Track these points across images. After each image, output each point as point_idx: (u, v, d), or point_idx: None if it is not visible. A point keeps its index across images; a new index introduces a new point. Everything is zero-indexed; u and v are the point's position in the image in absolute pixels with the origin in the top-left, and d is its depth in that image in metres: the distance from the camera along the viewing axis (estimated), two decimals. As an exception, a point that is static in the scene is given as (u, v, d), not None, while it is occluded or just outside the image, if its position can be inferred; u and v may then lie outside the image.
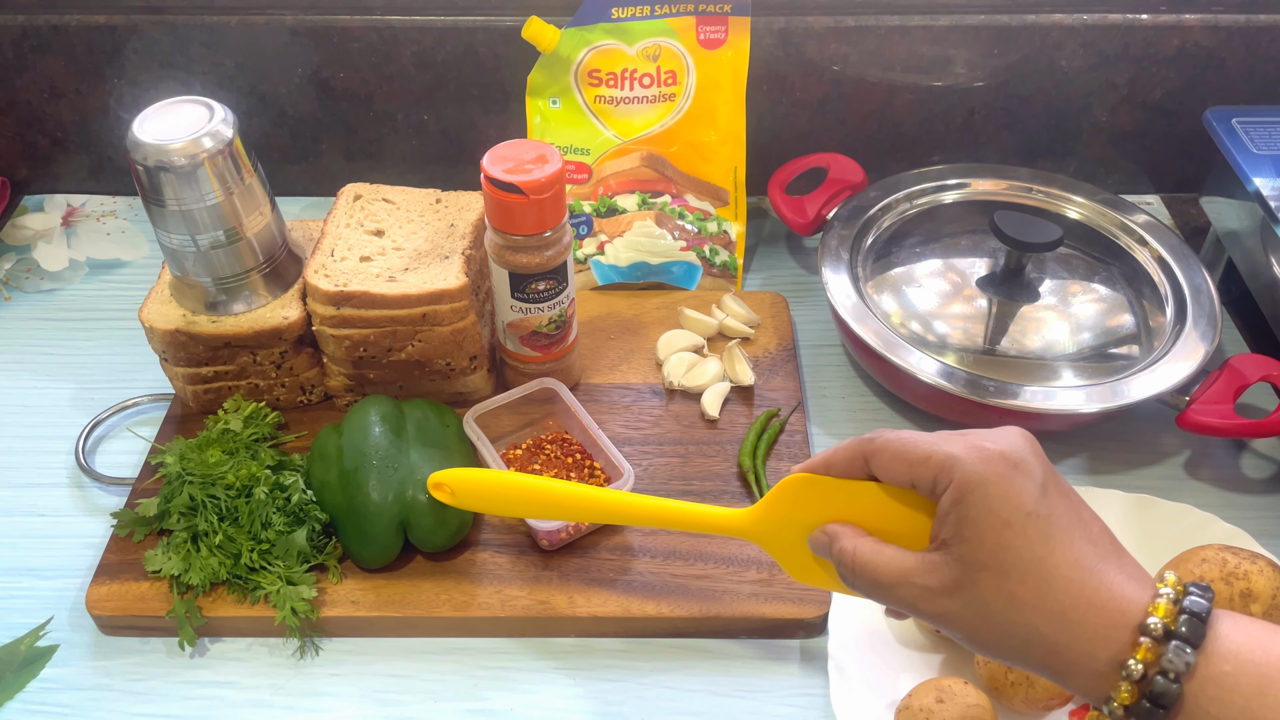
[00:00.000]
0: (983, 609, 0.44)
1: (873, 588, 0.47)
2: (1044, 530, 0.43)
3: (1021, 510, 0.43)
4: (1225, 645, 0.41)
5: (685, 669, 0.65)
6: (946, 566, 0.44)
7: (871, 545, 0.47)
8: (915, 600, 0.46)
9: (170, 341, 0.73)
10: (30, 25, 0.93)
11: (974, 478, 0.43)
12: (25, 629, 0.68)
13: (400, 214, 0.78)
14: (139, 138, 0.67)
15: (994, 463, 0.43)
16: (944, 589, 0.44)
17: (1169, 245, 0.83)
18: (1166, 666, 0.40)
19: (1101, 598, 0.42)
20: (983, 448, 0.44)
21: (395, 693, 0.64)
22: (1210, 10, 0.90)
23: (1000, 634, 0.44)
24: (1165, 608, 0.41)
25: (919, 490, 0.46)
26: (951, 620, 0.45)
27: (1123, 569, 0.43)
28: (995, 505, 0.43)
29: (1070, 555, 0.43)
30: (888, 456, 0.47)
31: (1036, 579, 0.43)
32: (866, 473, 0.48)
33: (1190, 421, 0.72)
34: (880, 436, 0.47)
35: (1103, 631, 0.42)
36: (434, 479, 0.63)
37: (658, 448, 0.76)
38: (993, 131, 0.97)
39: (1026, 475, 0.44)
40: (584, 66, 0.87)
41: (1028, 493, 0.43)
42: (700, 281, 0.89)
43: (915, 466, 0.45)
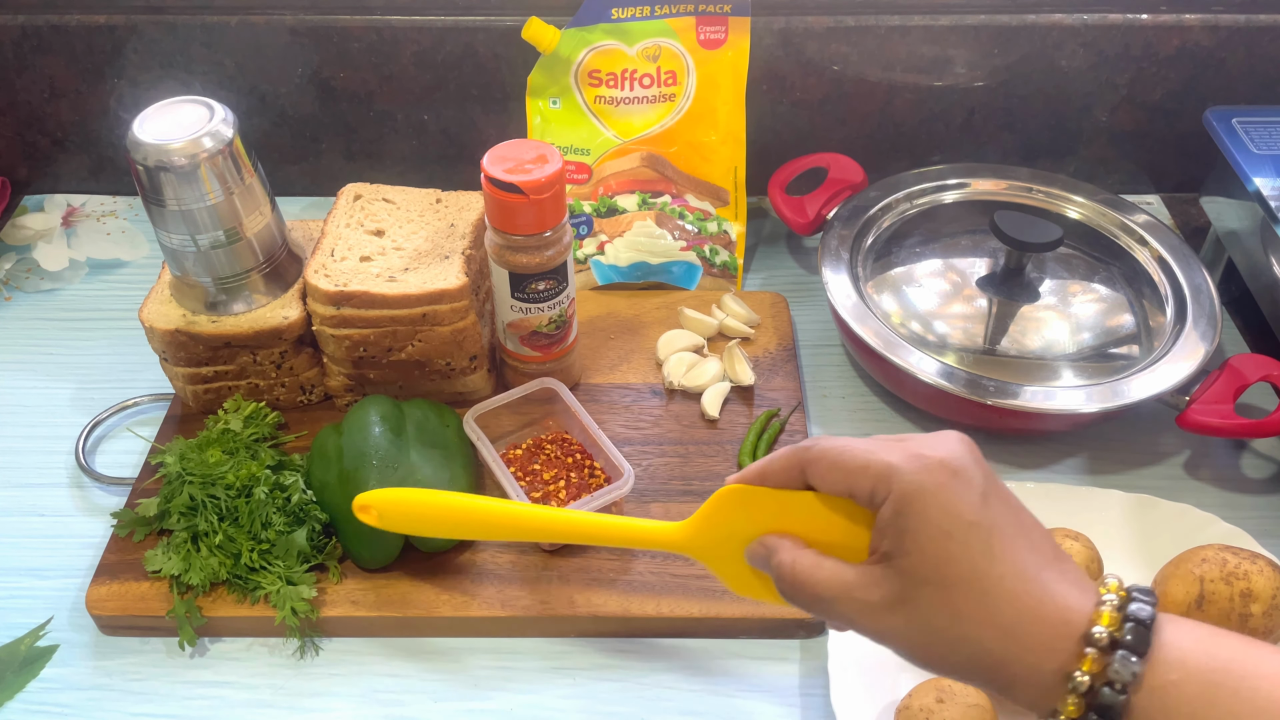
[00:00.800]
0: (926, 624, 0.42)
1: (813, 602, 0.45)
2: (986, 540, 0.41)
3: (963, 520, 0.41)
4: (1171, 653, 0.40)
5: (685, 669, 0.65)
6: (888, 580, 0.43)
7: (811, 558, 0.45)
8: (856, 616, 0.44)
9: (170, 341, 0.73)
10: (30, 25, 0.93)
11: (913, 487, 0.42)
12: (25, 629, 0.68)
13: (400, 214, 0.78)
14: (139, 138, 0.67)
15: (934, 471, 0.42)
16: (885, 604, 0.43)
17: (1169, 245, 0.83)
18: (1113, 677, 0.39)
19: (1045, 608, 0.41)
20: (922, 456, 0.42)
21: (395, 693, 0.64)
22: (1210, 10, 0.90)
23: (945, 649, 0.42)
24: (1109, 615, 0.40)
25: (857, 500, 0.44)
26: (894, 637, 0.43)
27: (1065, 576, 0.42)
28: (936, 516, 0.41)
29: (1013, 565, 0.41)
30: (824, 466, 0.45)
31: (980, 591, 0.41)
32: (803, 482, 0.46)
33: (1190, 421, 0.72)
34: (817, 445, 0.45)
35: (1048, 643, 0.41)
36: (359, 501, 0.59)
37: (658, 448, 0.76)
38: (993, 131, 0.97)
39: (967, 484, 0.42)
40: (584, 67, 0.87)
41: (969, 502, 0.42)
42: (700, 281, 0.89)
43: (853, 476, 0.44)
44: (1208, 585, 0.60)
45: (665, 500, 0.72)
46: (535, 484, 0.71)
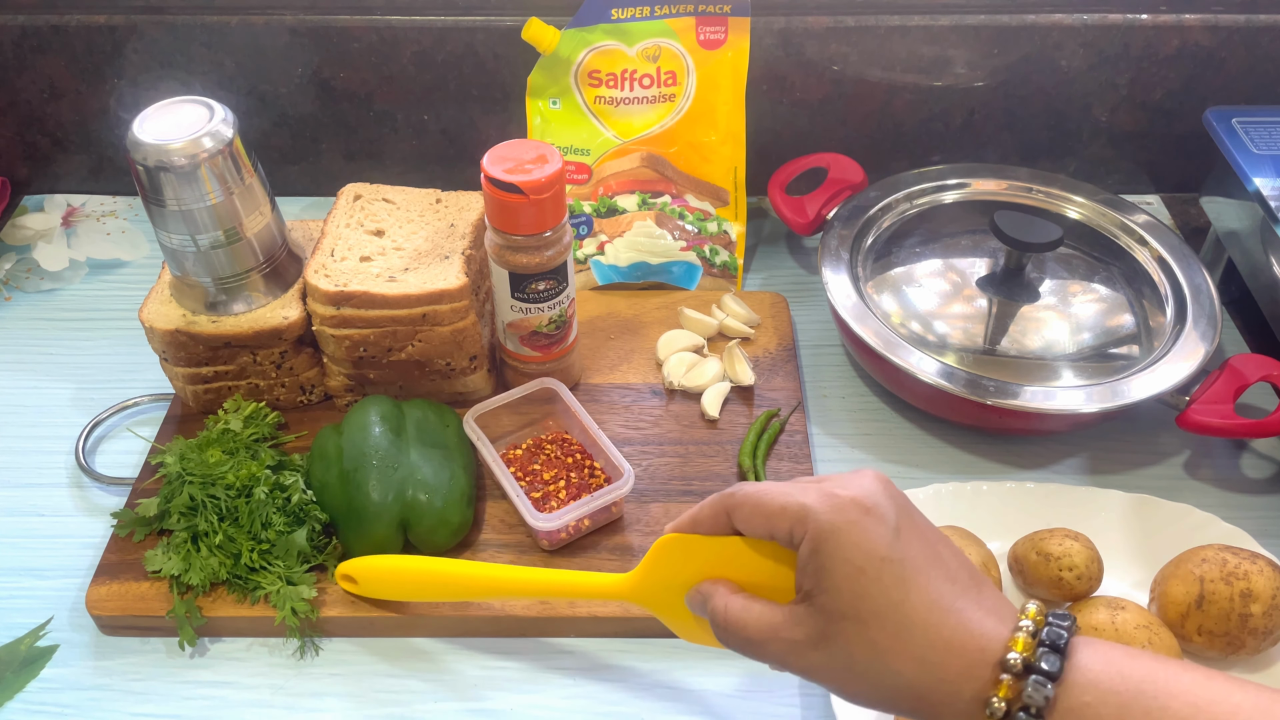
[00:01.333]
0: (847, 659, 0.43)
1: (744, 645, 0.47)
2: (899, 574, 0.43)
3: (875, 556, 0.43)
4: (1084, 675, 0.41)
5: (685, 669, 0.65)
6: (810, 618, 0.44)
7: (741, 602, 0.47)
8: (784, 655, 0.45)
9: (170, 341, 0.73)
10: (30, 25, 0.93)
11: (827, 527, 0.43)
12: (25, 629, 0.68)
13: (400, 214, 0.78)
14: (139, 138, 0.67)
15: (845, 510, 0.43)
16: (809, 641, 0.44)
17: (1169, 245, 0.83)
18: (1027, 701, 0.40)
19: (960, 637, 0.42)
20: (834, 495, 0.44)
21: (395, 693, 0.64)
22: (1210, 10, 0.90)
23: (867, 683, 0.44)
24: (1024, 641, 0.41)
25: (779, 542, 0.46)
26: (819, 673, 0.45)
27: (981, 604, 0.43)
28: (849, 553, 0.43)
29: (927, 596, 0.43)
30: (747, 510, 0.46)
31: (895, 624, 0.42)
32: (731, 528, 0.48)
33: (1190, 421, 0.72)
34: (740, 490, 0.47)
35: (965, 671, 0.42)
36: (341, 570, 0.66)
37: (658, 448, 0.76)
38: (993, 131, 0.97)
39: (879, 520, 0.43)
40: (584, 67, 0.87)
41: (880, 537, 0.43)
42: (700, 281, 0.89)
43: (772, 519, 0.45)
44: (1208, 585, 0.60)
45: (665, 500, 0.72)
46: (535, 484, 0.71)
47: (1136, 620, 0.59)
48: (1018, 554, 0.65)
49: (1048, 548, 0.63)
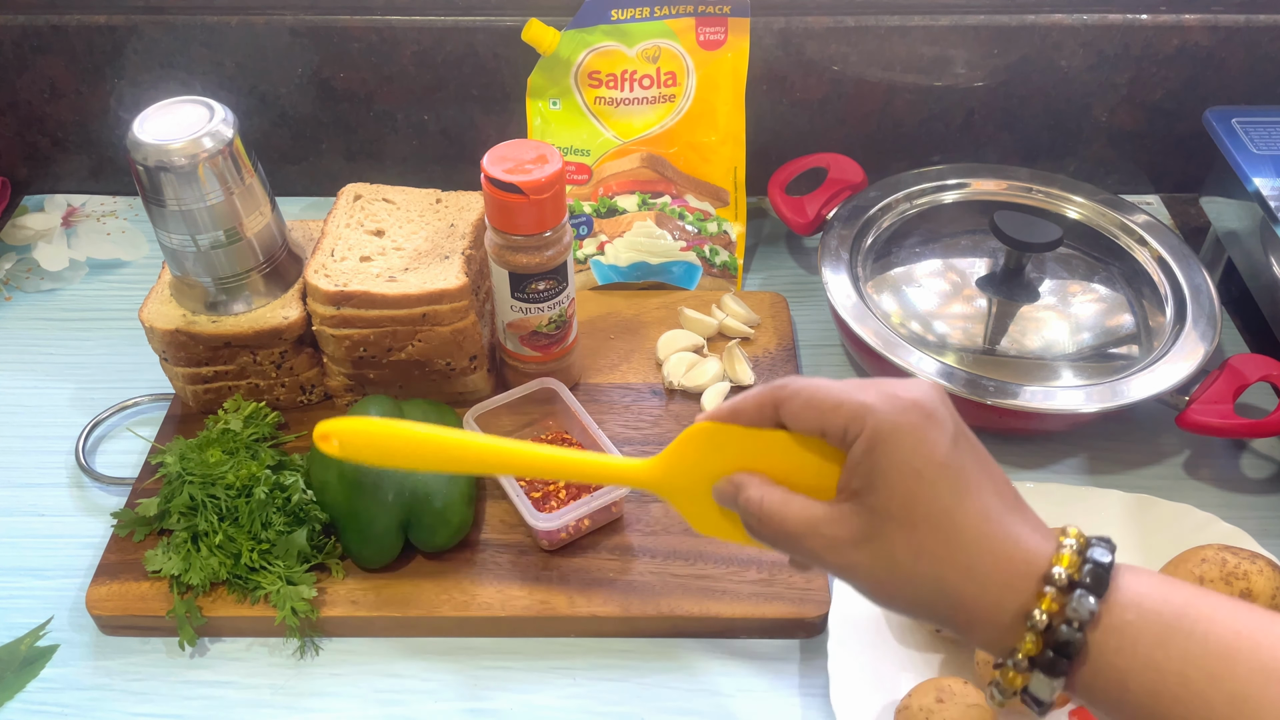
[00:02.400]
0: (890, 561, 0.43)
1: (779, 538, 0.46)
2: (954, 482, 0.42)
3: (934, 461, 0.42)
4: (1128, 595, 0.41)
5: (685, 669, 0.65)
6: (856, 517, 0.43)
7: (779, 495, 0.46)
8: (822, 551, 0.44)
9: (170, 341, 0.73)
10: (30, 25, 0.93)
11: (887, 427, 0.42)
12: (25, 629, 0.68)
13: (400, 214, 0.78)
14: (139, 138, 0.67)
15: (908, 412, 0.42)
16: (852, 540, 0.43)
17: (1169, 245, 0.83)
18: (1071, 615, 0.40)
19: (1008, 550, 0.42)
20: (896, 396, 0.43)
21: (395, 693, 0.64)
22: (1210, 10, 0.90)
23: (907, 587, 0.43)
24: (1069, 558, 0.41)
25: (829, 439, 0.45)
26: (857, 572, 0.44)
27: (1027, 521, 0.43)
28: (907, 455, 0.42)
29: (978, 507, 0.42)
30: (799, 404, 0.45)
31: (946, 532, 0.42)
32: (776, 421, 0.46)
33: (1190, 421, 0.72)
34: (792, 383, 0.46)
35: (1008, 582, 0.41)
36: (320, 429, 0.52)
37: (658, 448, 0.75)
38: (993, 131, 0.97)
39: (939, 426, 0.42)
40: (584, 68, 0.87)
41: (940, 444, 0.42)
42: (700, 281, 0.89)
43: (826, 414, 0.44)
44: (1207, 585, 0.60)
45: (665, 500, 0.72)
46: (535, 484, 0.71)
47: (1136, 620, 0.59)
48: (1018, 554, 0.65)
49: (1048, 548, 0.63)
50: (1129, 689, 0.40)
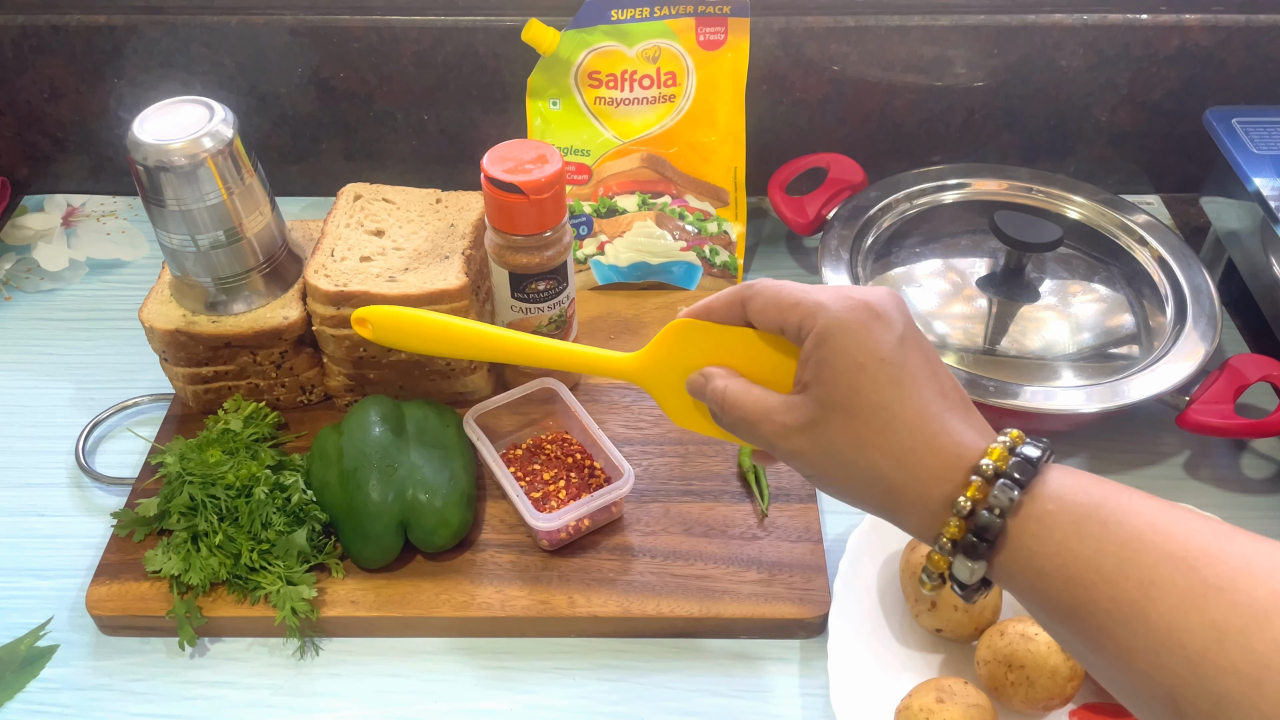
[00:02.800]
0: (830, 447, 0.46)
1: (738, 424, 0.49)
2: (895, 376, 0.45)
3: (876, 356, 0.45)
4: (1051, 488, 0.42)
5: (685, 669, 0.65)
6: (804, 406, 0.46)
7: (741, 385, 0.49)
8: (773, 437, 0.48)
9: (170, 341, 0.73)
10: (30, 25, 0.93)
11: (835, 323, 0.45)
12: (25, 629, 0.68)
13: (400, 214, 0.78)
14: (139, 138, 0.67)
15: (856, 310, 0.45)
16: (799, 427, 0.46)
17: (1169, 245, 0.83)
18: (992, 503, 0.42)
19: (940, 442, 0.44)
20: (848, 297, 0.46)
21: (395, 693, 0.64)
22: (1210, 10, 0.90)
23: (844, 472, 0.46)
24: (999, 452, 0.43)
25: (786, 335, 0.48)
26: (802, 457, 0.47)
27: (968, 420, 0.45)
28: (851, 350, 0.45)
29: (916, 402, 0.45)
30: (762, 302, 0.48)
31: (882, 421, 0.44)
32: (744, 319, 0.50)
33: (1190, 421, 0.72)
34: (759, 283, 0.49)
35: (939, 473, 0.44)
36: (357, 315, 0.63)
37: (658, 448, 0.76)
38: (993, 131, 0.97)
39: (886, 325, 0.45)
40: (584, 68, 0.87)
41: (885, 341, 0.45)
42: (700, 281, 0.89)
43: (785, 311, 0.47)
44: (1208, 585, 0.60)
45: (665, 500, 0.72)
46: (535, 484, 0.71)
47: (1136, 620, 0.59)
48: (1018, 554, 0.65)
49: (1048, 548, 0.63)
50: (1044, 573, 0.41)
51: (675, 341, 0.53)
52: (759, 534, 0.70)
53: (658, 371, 0.54)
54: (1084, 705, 0.61)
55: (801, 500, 0.72)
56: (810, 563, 0.68)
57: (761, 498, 0.72)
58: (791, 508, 0.71)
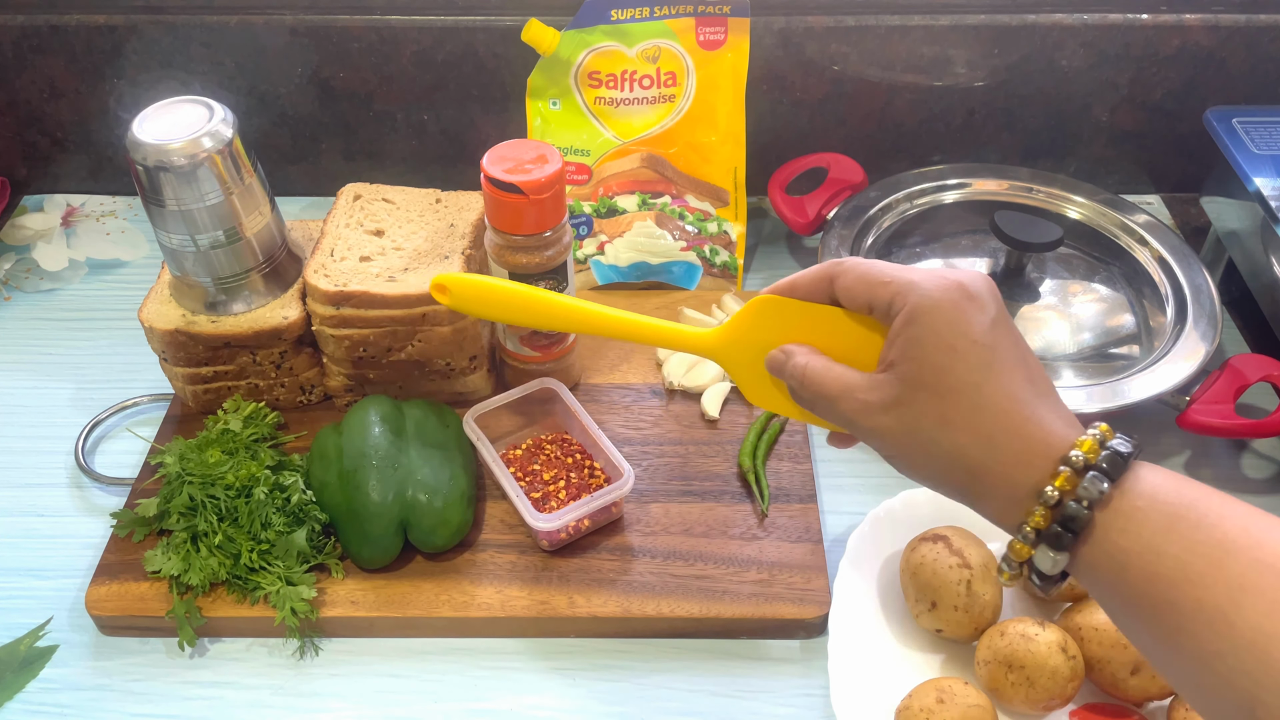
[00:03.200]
0: (914, 426, 0.45)
1: (818, 400, 0.49)
2: (985, 359, 0.44)
3: (967, 337, 0.44)
4: (1142, 484, 0.42)
5: (685, 669, 0.65)
6: (889, 385, 0.46)
7: (823, 362, 0.49)
8: (854, 414, 0.47)
9: (170, 341, 0.73)
10: (30, 25, 0.93)
11: (927, 302, 0.45)
12: (25, 629, 0.68)
13: (400, 214, 0.78)
14: (139, 138, 0.67)
15: (949, 290, 0.45)
16: (882, 405, 0.46)
17: (1169, 245, 0.83)
18: (1081, 494, 0.42)
19: (1029, 429, 0.44)
20: (942, 277, 0.46)
21: (395, 693, 0.64)
22: (1210, 10, 0.90)
23: (927, 452, 0.45)
24: (1090, 444, 0.43)
25: (875, 313, 0.47)
26: (884, 435, 0.46)
27: (1056, 410, 0.45)
28: (942, 329, 0.44)
29: (1006, 386, 0.44)
30: (852, 278, 0.48)
31: (970, 402, 0.44)
32: (830, 296, 0.49)
33: (1190, 421, 0.72)
34: (847, 260, 0.49)
35: (1025, 459, 0.43)
36: (437, 280, 0.62)
37: (658, 448, 0.76)
38: (993, 131, 0.97)
39: (979, 307, 0.45)
40: (584, 68, 0.87)
41: (977, 322, 0.44)
42: (700, 281, 0.89)
43: (875, 289, 0.47)
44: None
45: (665, 500, 0.72)
46: (535, 484, 0.71)
47: (1137, 620, 0.59)
48: (1018, 554, 0.65)
49: (1048, 548, 0.63)
50: (1129, 569, 0.41)
51: (757, 318, 0.52)
52: (759, 534, 0.70)
53: (737, 348, 0.53)
54: (1084, 705, 0.61)
55: (801, 500, 0.72)
56: (810, 563, 0.68)
57: (761, 498, 0.72)
58: (791, 508, 0.71)
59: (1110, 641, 0.59)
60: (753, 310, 0.52)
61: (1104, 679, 0.60)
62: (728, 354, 0.54)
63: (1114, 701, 0.61)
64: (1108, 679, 0.60)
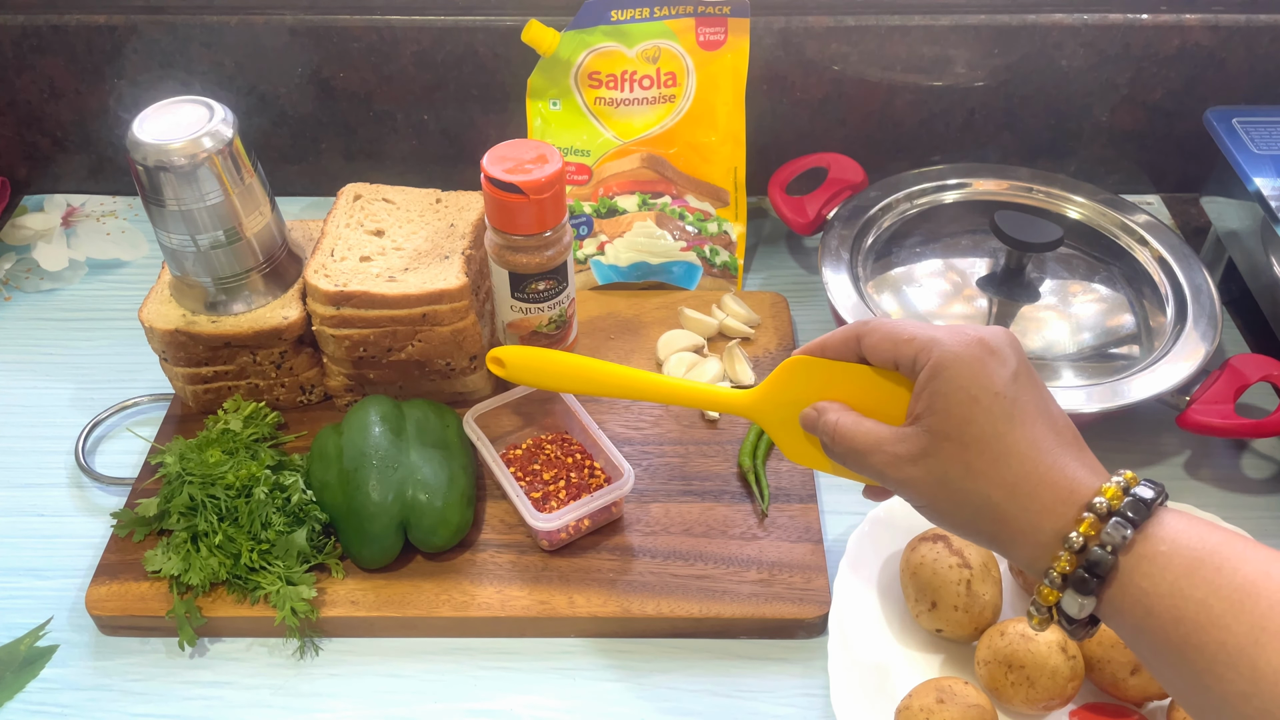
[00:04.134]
0: (942, 476, 0.47)
1: (850, 455, 0.50)
2: (1008, 410, 0.46)
3: (990, 389, 0.46)
4: (1165, 530, 0.43)
5: (685, 669, 0.65)
6: (916, 437, 0.47)
7: (853, 418, 0.51)
8: (884, 467, 0.49)
9: (170, 341, 0.73)
10: (30, 25, 0.93)
11: (950, 356, 0.46)
12: (25, 629, 0.68)
13: (400, 214, 0.78)
14: (139, 138, 0.67)
15: (971, 346, 0.47)
16: (910, 457, 0.47)
17: (1169, 245, 0.83)
18: (1105, 540, 0.43)
19: (1053, 476, 0.45)
20: (963, 332, 0.47)
21: (395, 693, 0.64)
22: (1210, 10, 0.90)
23: (955, 502, 0.47)
24: (1114, 491, 0.44)
25: (901, 369, 0.49)
26: (913, 486, 0.48)
27: (1080, 459, 0.46)
28: (965, 382, 0.46)
29: (1029, 436, 0.46)
30: (877, 338, 0.50)
31: (994, 452, 0.45)
32: (858, 354, 0.51)
33: (1190, 421, 0.72)
34: (873, 320, 0.51)
35: (1051, 506, 0.45)
36: (492, 354, 0.66)
37: (658, 448, 0.76)
38: (993, 131, 0.97)
39: (1000, 361, 0.46)
40: (584, 69, 0.87)
41: (998, 375, 0.46)
42: (700, 281, 0.89)
43: (900, 346, 0.49)
44: (1208, 585, 0.60)
45: (665, 500, 0.72)
46: (535, 484, 0.71)
47: (1137, 620, 0.59)
48: (1018, 554, 0.65)
49: (1048, 548, 0.63)
50: (1153, 613, 0.42)
51: (790, 378, 0.54)
52: (759, 534, 0.70)
53: (773, 407, 0.56)
54: (1084, 705, 0.61)
55: (801, 500, 0.72)
56: (810, 563, 0.68)
57: (761, 498, 0.72)
58: (791, 508, 0.71)
59: (1110, 641, 0.59)
60: (785, 371, 0.54)
61: (1104, 679, 0.60)
62: (765, 413, 0.56)
63: (1114, 701, 0.61)
64: (1108, 679, 0.60)
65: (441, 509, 0.67)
